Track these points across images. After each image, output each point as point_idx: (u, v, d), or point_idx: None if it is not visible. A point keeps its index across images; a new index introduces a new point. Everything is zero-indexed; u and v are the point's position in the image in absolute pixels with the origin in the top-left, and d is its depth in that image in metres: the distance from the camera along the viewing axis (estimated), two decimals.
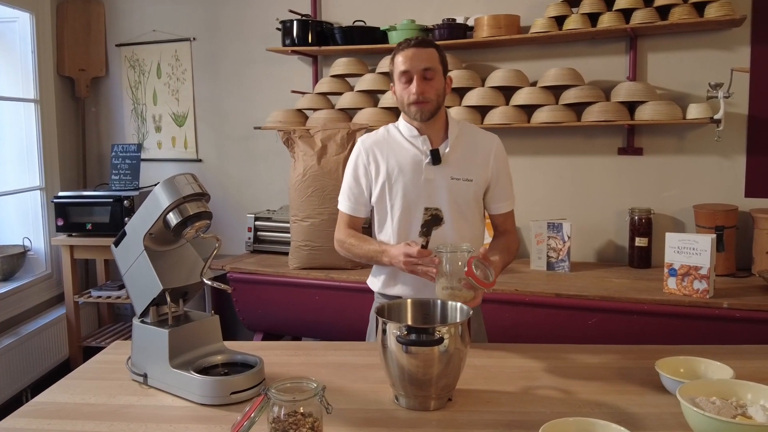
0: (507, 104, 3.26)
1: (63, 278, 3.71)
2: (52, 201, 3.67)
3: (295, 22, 3.52)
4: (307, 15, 3.63)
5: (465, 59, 3.47)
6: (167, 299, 1.58)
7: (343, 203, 2.03)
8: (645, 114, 3.03)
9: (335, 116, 3.50)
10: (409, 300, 1.64)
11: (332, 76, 3.59)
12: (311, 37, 3.53)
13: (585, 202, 3.37)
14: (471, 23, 3.35)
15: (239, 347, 1.71)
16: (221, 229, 3.88)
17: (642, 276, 3.00)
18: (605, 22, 3.03)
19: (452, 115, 2.01)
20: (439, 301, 1.62)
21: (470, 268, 1.61)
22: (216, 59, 3.98)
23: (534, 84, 3.28)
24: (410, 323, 1.58)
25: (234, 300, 3.35)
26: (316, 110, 3.57)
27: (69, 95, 4.13)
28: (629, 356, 1.77)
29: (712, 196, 3.15)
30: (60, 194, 3.67)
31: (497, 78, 3.26)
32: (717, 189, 3.15)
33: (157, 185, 1.55)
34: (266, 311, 3.32)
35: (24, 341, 3.45)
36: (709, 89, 2.94)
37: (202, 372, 1.53)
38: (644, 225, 3.13)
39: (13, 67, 3.80)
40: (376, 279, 2.04)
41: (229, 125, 4.01)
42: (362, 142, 2.01)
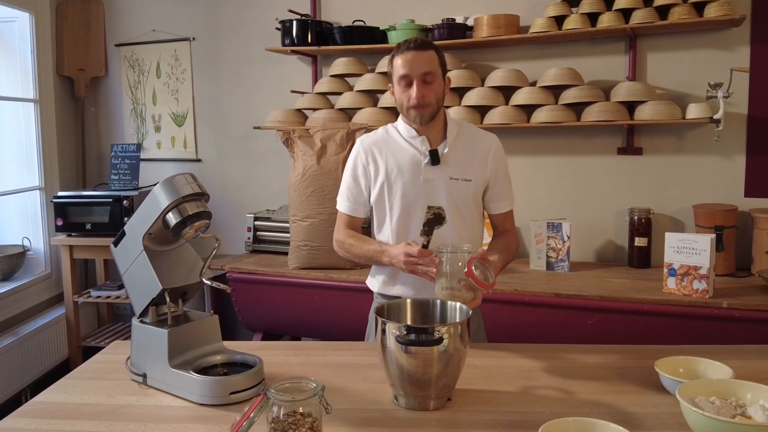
0: (506, 104, 3.26)
1: (62, 278, 3.71)
2: (52, 201, 3.66)
3: (295, 22, 3.52)
4: (307, 15, 3.63)
5: (464, 59, 3.47)
6: (166, 299, 1.58)
7: (342, 203, 2.03)
8: (644, 114, 3.03)
9: (335, 116, 3.50)
10: (409, 300, 1.64)
11: (332, 76, 3.59)
12: (311, 37, 3.53)
13: (584, 202, 3.37)
14: (470, 23, 3.35)
15: (238, 347, 1.70)
16: (220, 229, 3.88)
17: (641, 276, 3.00)
18: (605, 22, 3.03)
19: (451, 116, 2.01)
20: (439, 301, 1.62)
21: (470, 269, 1.61)
22: (215, 59, 3.98)
23: (533, 84, 3.28)
24: (410, 323, 1.58)
25: (233, 300, 3.35)
26: (316, 110, 3.57)
27: (68, 95, 4.13)
28: (629, 356, 1.77)
29: (712, 196, 3.15)
30: (59, 194, 3.67)
31: (497, 78, 3.26)
32: (716, 189, 3.15)
33: (157, 185, 1.55)
34: (266, 311, 3.32)
35: (23, 341, 3.45)
36: (709, 89, 2.94)
37: (202, 372, 1.53)
38: (644, 225, 3.13)
39: (13, 67, 3.79)
40: (375, 279, 2.04)
41: (229, 125, 4.01)
42: (361, 143, 2.01)
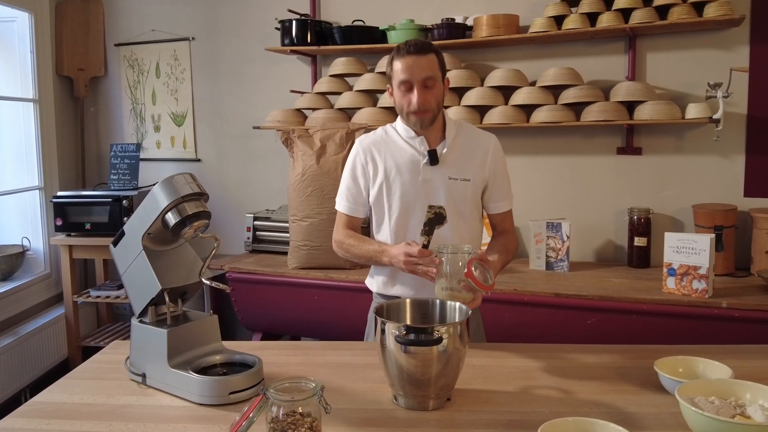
0: (506, 104, 3.26)
1: (62, 278, 3.71)
2: (51, 201, 3.66)
3: (294, 22, 3.52)
4: (306, 15, 3.63)
5: (464, 59, 3.47)
6: (166, 299, 1.58)
7: (342, 204, 2.02)
8: (644, 114, 3.03)
9: (334, 116, 3.50)
10: (408, 300, 1.64)
11: (331, 76, 3.59)
12: (310, 37, 3.53)
13: (584, 202, 3.37)
14: (470, 23, 3.35)
15: (238, 347, 1.70)
16: (220, 229, 3.88)
17: (641, 276, 3.00)
18: (604, 22, 3.03)
19: (449, 116, 2.01)
20: (438, 301, 1.62)
21: (470, 270, 1.61)
22: (215, 59, 3.98)
23: (533, 84, 3.28)
24: (409, 323, 1.58)
25: (233, 300, 3.35)
26: (315, 110, 3.57)
27: (68, 95, 4.13)
28: (628, 356, 1.77)
29: (711, 196, 3.15)
30: (59, 194, 3.67)
31: (496, 78, 3.26)
32: (716, 189, 3.15)
33: (156, 185, 1.54)
34: (265, 311, 3.32)
35: (23, 341, 3.44)
36: (708, 89, 2.94)
37: (201, 372, 1.53)
38: (643, 225, 3.13)
39: (12, 67, 3.79)
40: (374, 279, 2.04)
41: (228, 125, 4.00)
42: (360, 143, 2.01)
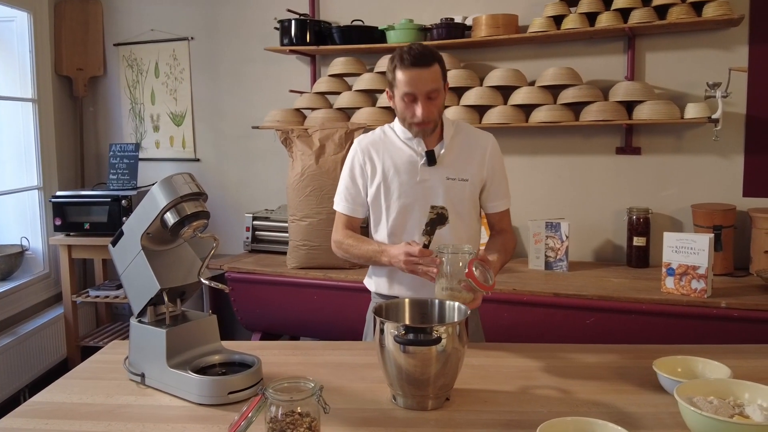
0: (505, 104, 3.26)
1: (61, 278, 3.71)
2: (50, 200, 3.66)
3: (293, 22, 3.52)
4: (305, 14, 3.63)
5: (463, 59, 3.47)
6: (165, 299, 1.58)
7: (340, 204, 2.02)
8: (643, 113, 3.03)
9: (333, 116, 3.50)
10: (407, 299, 1.64)
11: (330, 76, 3.59)
12: (309, 37, 3.53)
13: (583, 202, 3.37)
14: (469, 23, 3.35)
15: (237, 347, 1.70)
16: (219, 229, 3.88)
17: (640, 275, 3.00)
18: (603, 22, 3.03)
19: (447, 116, 2.01)
20: (437, 301, 1.62)
21: (471, 270, 1.61)
22: (214, 59, 3.98)
23: (532, 83, 3.28)
24: (408, 323, 1.58)
25: (232, 300, 3.34)
26: (314, 110, 3.56)
27: (67, 94, 4.13)
28: (627, 356, 1.77)
29: (710, 196, 3.16)
30: (58, 194, 3.67)
31: (495, 77, 3.26)
32: (715, 188, 3.15)
33: (155, 185, 1.54)
34: (264, 311, 3.32)
35: (22, 341, 3.44)
36: (707, 89, 2.94)
37: (200, 372, 1.53)
38: (642, 224, 3.13)
39: (11, 67, 3.79)
40: (373, 279, 2.04)
41: (227, 125, 4.00)
42: (359, 143, 2.01)
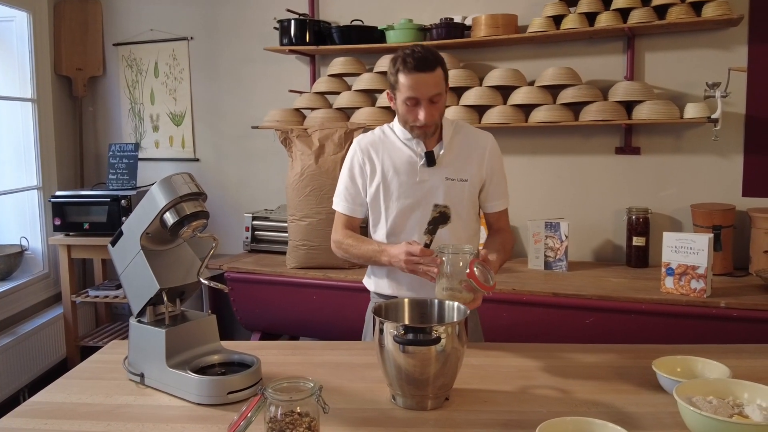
0: (504, 104, 3.26)
1: (60, 278, 3.70)
2: (50, 200, 3.66)
3: (293, 22, 3.52)
4: (305, 14, 3.63)
5: (462, 58, 3.47)
6: (164, 299, 1.57)
7: (340, 204, 2.02)
8: (642, 113, 3.03)
9: (333, 115, 3.50)
10: (406, 299, 1.64)
11: (330, 76, 3.59)
12: (309, 37, 3.53)
13: (582, 202, 3.37)
14: (469, 22, 3.35)
15: (236, 347, 1.70)
16: (218, 229, 3.87)
17: (639, 275, 3.00)
18: (603, 22, 3.03)
19: (446, 116, 2.00)
20: (436, 301, 1.62)
21: (472, 271, 1.61)
22: (213, 59, 3.98)
23: (532, 83, 3.28)
24: (407, 323, 1.58)
25: (231, 299, 3.34)
26: (314, 109, 3.56)
27: (66, 94, 4.13)
28: (626, 355, 1.77)
29: (710, 196, 3.16)
30: (57, 194, 3.67)
31: (495, 77, 3.26)
32: (714, 188, 3.15)
33: (154, 185, 1.54)
34: (264, 311, 3.32)
35: (21, 341, 3.44)
36: (707, 89, 2.94)
37: (199, 372, 1.53)
38: (642, 224, 3.13)
39: (11, 67, 3.79)
40: (372, 279, 2.04)
41: (227, 125, 4.00)
42: (358, 142, 2.01)
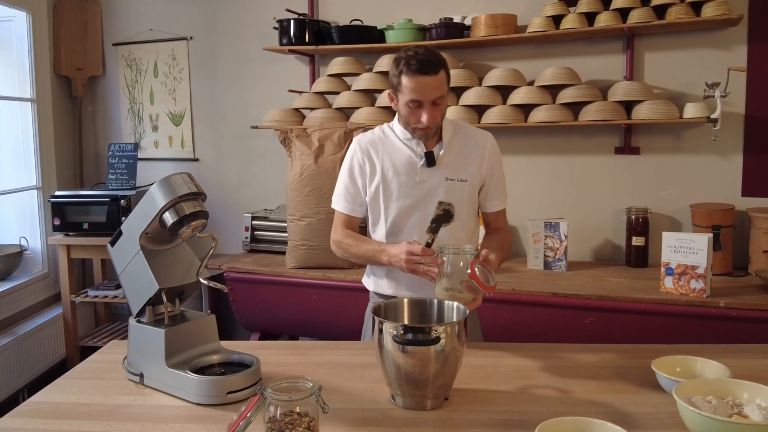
0: (504, 103, 3.26)
1: (60, 278, 3.70)
2: (49, 200, 3.66)
3: (292, 22, 3.52)
4: (304, 14, 3.63)
5: (462, 58, 3.47)
6: (163, 299, 1.58)
7: (340, 203, 2.02)
8: (642, 113, 3.03)
9: (332, 115, 3.50)
10: (406, 299, 1.64)
11: (329, 76, 3.59)
12: (308, 37, 3.53)
13: (582, 202, 3.37)
14: (468, 22, 3.35)
15: (236, 347, 1.70)
16: (218, 229, 3.87)
17: (639, 275, 3.00)
18: (602, 22, 3.03)
19: (446, 116, 2.00)
20: (436, 301, 1.62)
21: (473, 271, 1.61)
22: (213, 58, 3.98)
23: (531, 83, 3.28)
24: (407, 323, 1.58)
25: (231, 299, 3.34)
26: (313, 109, 3.56)
27: (66, 94, 4.13)
28: (626, 355, 1.77)
29: (709, 196, 3.16)
30: (57, 193, 3.67)
31: (494, 77, 3.26)
32: (714, 188, 3.15)
33: (154, 184, 1.54)
34: (263, 311, 3.32)
35: (20, 341, 3.44)
36: (706, 88, 2.94)
37: (199, 372, 1.53)
38: (641, 224, 3.13)
39: (10, 66, 3.79)
40: (372, 279, 2.04)
41: (226, 124, 4.00)
42: (358, 142, 2.01)
